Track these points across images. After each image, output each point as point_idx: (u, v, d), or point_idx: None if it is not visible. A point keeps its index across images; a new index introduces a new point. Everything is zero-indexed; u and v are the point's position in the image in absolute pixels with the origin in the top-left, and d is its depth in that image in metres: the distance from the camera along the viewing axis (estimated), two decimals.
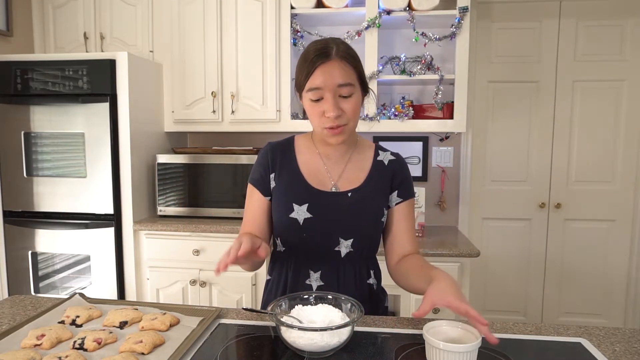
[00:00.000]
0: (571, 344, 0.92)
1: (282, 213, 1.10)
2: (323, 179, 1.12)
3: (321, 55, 0.99)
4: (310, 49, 1.01)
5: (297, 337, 0.83)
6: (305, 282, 1.11)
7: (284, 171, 1.12)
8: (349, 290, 1.10)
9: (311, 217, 1.08)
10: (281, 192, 1.11)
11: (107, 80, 2.16)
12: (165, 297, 2.28)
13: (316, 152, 1.14)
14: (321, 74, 0.99)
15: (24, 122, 2.25)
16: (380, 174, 1.13)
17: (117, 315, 0.99)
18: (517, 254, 2.81)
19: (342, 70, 0.99)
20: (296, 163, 1.13)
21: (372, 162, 1.14)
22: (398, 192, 1.14)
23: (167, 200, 2.41)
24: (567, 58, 2.66)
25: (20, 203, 2.30)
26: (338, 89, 0.99)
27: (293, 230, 1.09)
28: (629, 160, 2.68)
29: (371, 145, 1.18)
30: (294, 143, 1.17)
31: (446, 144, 2.67)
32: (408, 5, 2.28)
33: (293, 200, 1.09)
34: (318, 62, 0.98)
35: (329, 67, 0.98)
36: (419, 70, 2.34)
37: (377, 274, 1.18)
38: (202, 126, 2.52)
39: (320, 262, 1.10)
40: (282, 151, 1.15)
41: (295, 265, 1.12)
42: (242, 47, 2.41)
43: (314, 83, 1.00)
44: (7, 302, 1.15)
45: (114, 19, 2.51)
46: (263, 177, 1.14)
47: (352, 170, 1.13)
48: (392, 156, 1.17)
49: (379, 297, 1.18)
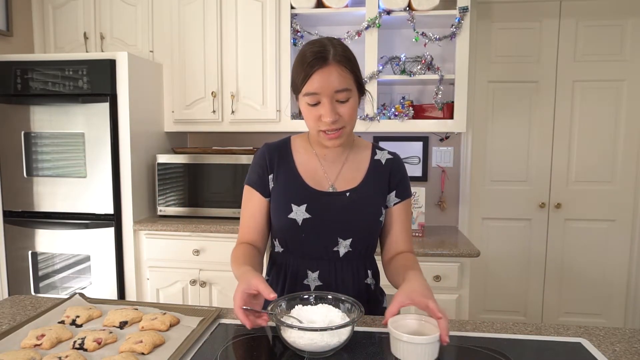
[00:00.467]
0: (571, 344, 0.92)
1: (280, 214, 1.09)
2: (320, 180, 1.12)
3: (318, 59, 0.97)
4: (307, 51, 0.99)
5: (297, 337, 0.83)
6: (304, 282, 1.11)
7: (282, 172, 1.12)
8: (347, 289, 1.10)
9: (310, 217, 1.08)
10: (279, 192, 1.11)
11: (107, 80, 2.16)
12: (165, 297, 2.28)
13: (313, 153, 1.14)
14: (318, 79, 0.97)
15: (24, 122, 2.25)
16: (377, 173, 1.13)
17: (117, 315, 0.99)
18: (517, 254, 2.81)
19: (339, 76, 0.98)
20: (293, 164, 1.13)
21: (370, 162, 1.15)
22: (396, 192, 1.14)
23: (167, 200, 2.41)
24: (567, 58, 2.66)
25: (20, 203, 2.30)
26: (335, 95, 0.99)
27: (292, 231, 1.09)
28: (629, 160, 2.68)
29: (368, 145, 1.18)
30: (290, 144, 1.17)
31: (446, 144, 2.67)
32: (408, 5, 2.28)
33: (292, 200, 1.09)
34: (315, 67, 0.97)
35: (326, 72, 0.97)
36: (419, 70, 2.34)
37: (375, 274, 1.18)
38: (202, 126, 2.52)
39: (318, 262, 1.10)
40: (279, 152, 1.14)
41: (293, 266, 1.12)
42: (242, 47, 2.41)
43: (310, 88, 0.98)
44: (7, 302, 1.15)
45: (114, 19, 2.51)
46: (262, 178, 1.13)
47: (349, 170, 1.13)
48: (389, 155, 1.17)
49: (377, 298, 1.19)
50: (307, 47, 1.01)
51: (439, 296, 2.13)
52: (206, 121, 2.49)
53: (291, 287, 1.11)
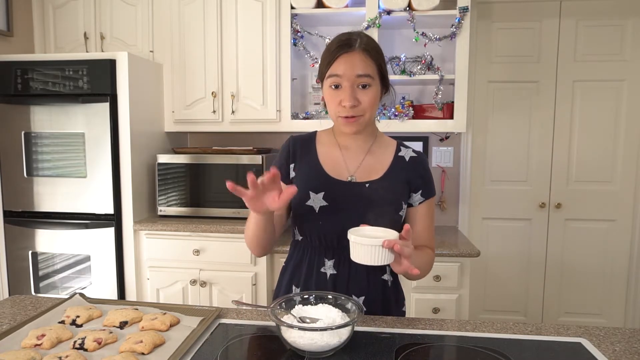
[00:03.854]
0: (571, 344, 0.92)
1: (299, 200, 1.12)
2: (340, 169, 1.13)
3: (344, 45, 1.03)
4: (335, 40, 1.06)
5: (297, 337, 0.83)
6: (320, 269, 1.12)
7: (304, 161, 1.15)
8: (360, 282, 1.10)
9: (327, 205, 1.09)
10: (299, 180, 1.14)
11: (107, 80, 2.16)
12: (165, 297, 2.28)
13: (336, 143, 1.17)
14: (342, 62, 1.03)
15: (24, 122, 2.25)
16: (400, 169, 1.14)
17: (117, 315, 0.99)
18: (517, 254, 2.81)
19: (362, 62, 1.03)
20: (316, 153, 1.16)
21: (393, 157, 1.15)
22: (422, 191, 1.14)
23: (168, 200, 2.41)
24: (567, 58, 2.66)
25: (21, 203, 2.30)
26: (357, 79, 1.03)
27: (309, 218, 1.11)
28: (629, 160, 2.68)
29: (393, 142, 1.19)
30: (316, 136, 1.21)
31: (446, 144, 2.67)
32: (408, 5, 2.28)
33: (310, 188, 1.11)
34: (341, 52, 1.03)
35: (350, 57, 1.03)
36: (419, 70, 2.34)
37: (393, 271, 1.17)
38: (202, 126, 2.52)
39: (335, 250, 1.11)
40: (303, 143, 1.18)
41: (312, 253, 1.14)
42: (242, 47, 2.41)
43: (334, 70, 1.04)
44: (8, 302, 1.15)
45: (114, 19, 2.51)
46: (283, 166, 1.17)
47: (371, 162, 1.14)
48: (413, 153, 1.17)
49: (394, 296, 1.16)
50: (336, 37, 1.09)
51: (439, 296, 2.13)
52: (206, 121, 2.49)
53: (308, 274, 1.13)
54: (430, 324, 1.02)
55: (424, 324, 1.02)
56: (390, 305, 1.15)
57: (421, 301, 2.14)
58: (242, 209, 2.33)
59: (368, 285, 1.11)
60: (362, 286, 1.10)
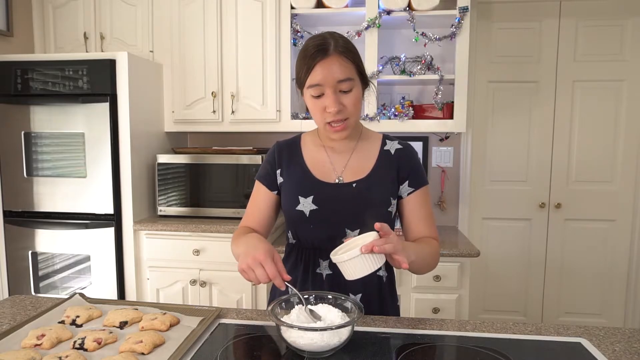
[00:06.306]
0: (571, 344, 0.92)
1: (289, 206, 1.12)
2: (327, 171, 1.13)
3: (320, 51, 1.00)
4: (309, 45, 1.03)
5: (297, 337, 0.83)
6: (316, 270, 1.12)
7: (291, 166, 1.15)
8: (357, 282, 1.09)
9: (316, 208, 1.09)
10: (288, 186, 1.14)
11: (107, 80, 2.16)
12: (165, 297, 2.28)
13: (321, 146, 1.17)
14: (320, 70, 1.00)
15: (24, 122, 2.25)
16: (386, 163, 1.13)
17: (117, 315, 0.99)
18: (517, 254, 2.81)
19: (341, 66, 1.01)
20: (302, 157, 1.16)
21: (379, 152, 1.15)
22: (409, 182, 1.13)
23: (167, 200, 2.41)
24: (567, 58, 2.66)
25: (21, 203, 2.30)
26: (338, 85, 1.01)
27: (301, 222, 1.11)
28: (629, 160, 2.68)
29: (378, 137, 1.19)
30: (300, 139, 1.20)
31: (446, 144, 2.67)
32: (408, 5, 2.28)
33: (299, 193, 1.11)
34: (317, 59, 1.00)
35: (328, 63, 1.00)
36: (419, 70, 2.34)
37: (388, 267, 1.17)
38: (202, 126, 2.52)
39: (328, 251, 1.11)
40: (288, 148, 1.18)
41: (306, 255, 1.14)
42: (242, 47, 2.41)
43: (314, 80, 1.01)
44: (7, 302, 1.15)
45: (114, 19, 2.51)
46: (269, 173, 1.17)
47: (357, 161, 1.14)
48: (399, 145, 1.16)
49: (389, 293, 1.17)
50: (309, 41, 1.05)
51: (439, 296, 2.13)
52: (206, 121, 2.49)
53: (305, 276, 1.13)
54: (430, 324, 1.02)
55: (424, 324, 1.02)
56: (386, 301, 1.15)
57: (421, 301, 2.14)
58: (242, 209, 2.33)
59: (364, 284, 1.10)
60: (358, 285, 1.10)
